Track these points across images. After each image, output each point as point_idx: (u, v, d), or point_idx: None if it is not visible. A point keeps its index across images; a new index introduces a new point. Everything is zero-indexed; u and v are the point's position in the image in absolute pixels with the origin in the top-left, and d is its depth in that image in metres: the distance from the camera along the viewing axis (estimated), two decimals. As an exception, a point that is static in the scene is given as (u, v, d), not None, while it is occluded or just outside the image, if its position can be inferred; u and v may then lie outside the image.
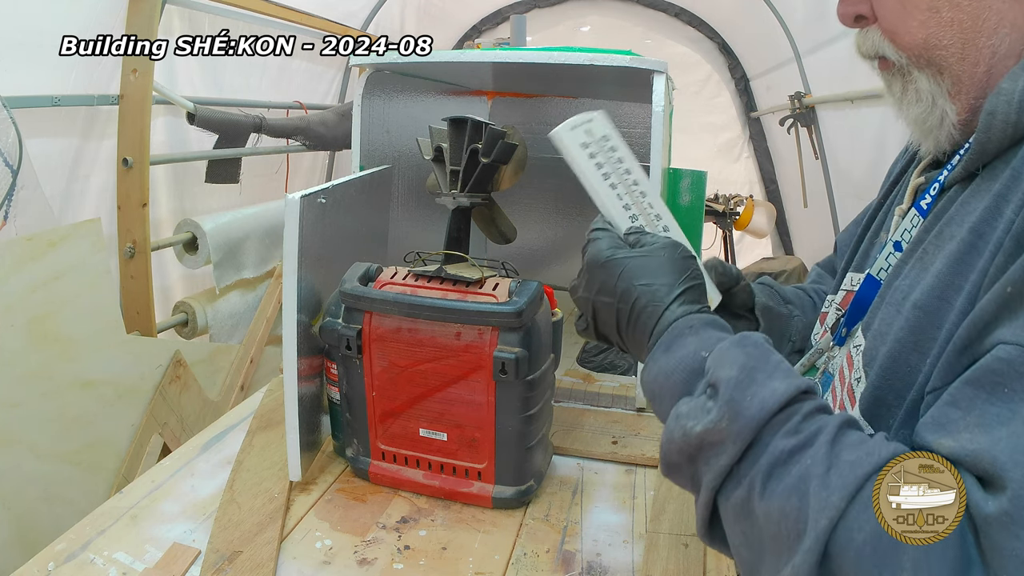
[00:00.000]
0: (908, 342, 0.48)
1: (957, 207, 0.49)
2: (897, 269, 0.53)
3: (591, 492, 0.89)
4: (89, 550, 0.74)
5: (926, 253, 0.50)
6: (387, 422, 0.87)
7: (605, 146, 0.65)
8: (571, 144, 0.65)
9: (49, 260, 1.28)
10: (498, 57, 1.07)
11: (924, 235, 0.52)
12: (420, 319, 0.82)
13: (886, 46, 0.53)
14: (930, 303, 0.47)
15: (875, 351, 0.51)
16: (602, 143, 0.65)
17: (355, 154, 1.16)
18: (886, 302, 0.52)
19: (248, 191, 2.10)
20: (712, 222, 3.33)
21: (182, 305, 1.80)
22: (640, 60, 1.00)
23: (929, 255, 0.50)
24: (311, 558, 0.75)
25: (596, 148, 0.65)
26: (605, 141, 0.65)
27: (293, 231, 0.80)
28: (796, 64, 2.77)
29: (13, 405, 1.24)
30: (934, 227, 0.51)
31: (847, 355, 0.56)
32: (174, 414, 1.56)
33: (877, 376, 0.50)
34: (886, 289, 0.53)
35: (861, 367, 0.52)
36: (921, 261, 0.50)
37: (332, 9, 2.45)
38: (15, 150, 1.23)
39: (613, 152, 0.65)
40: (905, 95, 0.54)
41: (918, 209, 0.54)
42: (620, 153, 0.65)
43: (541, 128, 1.77)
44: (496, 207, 1.03)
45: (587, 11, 3.68)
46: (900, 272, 0.53)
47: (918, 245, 0.52)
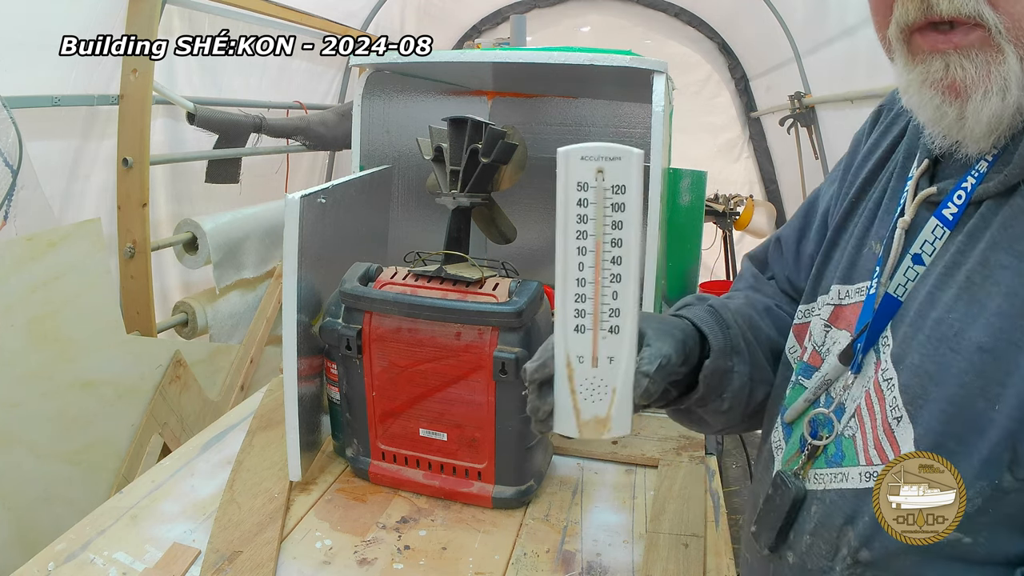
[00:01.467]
0: (974, 387, 0.43)
1: (999, 229, 0.44)
2: (932, 295, 0.48)
3: (591, 492, 0.89)
4: (89, 550, 0.74)
5: (972, 283, 0.45)
6: (387, 422, 0.87)
7: (609, 200, 0.49)
8: (568, 176, 0.49)
9: (49, 260, 1.28)
10: (498, 57, 1.07)
11: (960, 257, 0.47)
12: (420, 319, 0.82)
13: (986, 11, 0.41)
14: (997, 347, 0.43)
15: (924, 392, 0.46)
16: (607, 195, 0.49)
17: (355, 154, 1.16)
18: (927, 335, 0.47)
19: (248, 191, 2.10)
20: (712, 222, 3.33)
21: (182, 305, 1.80)
22: (640, 60, 1.00)
23: (978, 286, 0.44)
24: (311, 558, 0.75)
25: (595, 196, 0.49)
26: (615, 195, 0.49)
27: (293, 231, 0.80)
28: (796, 64, 2.76)
29: (13, 405, 1.24)
30: (971, 248, 0.46)
31: (875, 388, 0.50)
32: (174, 414, 1.56)
33: (937, 422, 0.45)
34: (918, 317, 0.48)
35: (901, 405, 0.47)
36: (969, 292, 0.45)
37: (332, 9, 2.45)
38: (15, 150, 1.23)
39: (615, 212, 0.49)
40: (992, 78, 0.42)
41: (941, 220, 0.48)
42: (624, 217, 0.49)
43: (541, 128, 1.77)
44: (496, 207, 1.03)
45: (587, 11, 3.68)
46: (936, 300, 0.47)
47: (955, 269, 0.47)
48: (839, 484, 0.51)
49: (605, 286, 0.50)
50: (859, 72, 2.09)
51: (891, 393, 0.48)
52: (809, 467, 0.54)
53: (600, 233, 0.49)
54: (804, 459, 0.54)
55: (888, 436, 0.48)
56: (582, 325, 0.51)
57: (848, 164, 0.64)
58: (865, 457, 0.50)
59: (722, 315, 0.63)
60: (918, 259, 0.50)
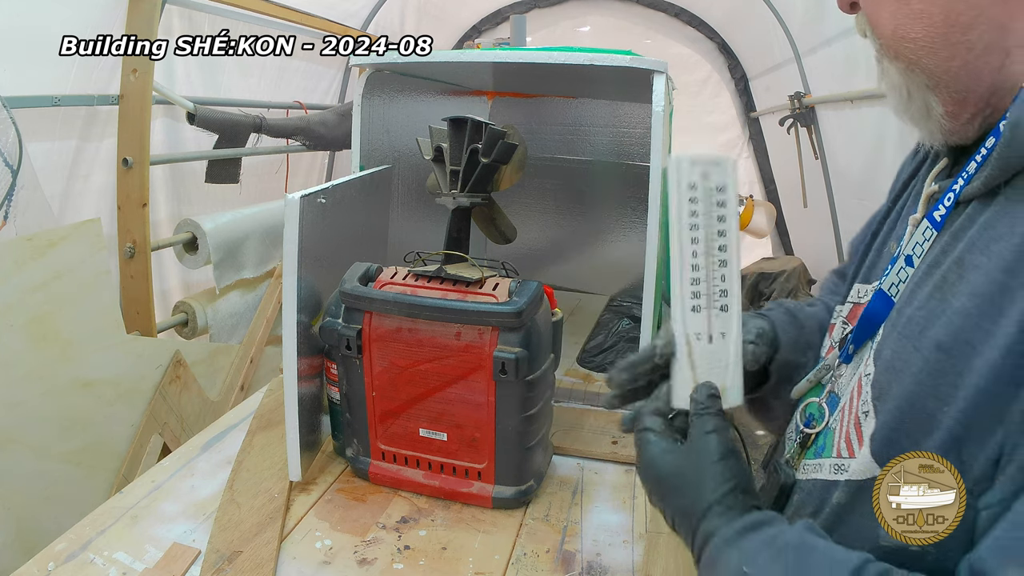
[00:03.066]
0: (927, 385, 0.44)
1: (980, 230, 0.45)
2: (912, 293, 0.49)
3: (591, 492, 0.89)
4: (89, 550, 0.74)
5: (946, 282, 0.46)
6: (387, 422, 0.87)
7: (714, 198, 0.58)
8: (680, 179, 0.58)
9: (49, 260, 1.28)
10: (498, 57, 1.07)
11: (941, 256, 0.48)
12: (420, 319, 0.82)
13: (869, 32, 0.52)
14: (954, 346, 0.43)
15: (888, 387, 0.48)
16: (712, 193, 0.58)
17: (355, 154, 1.16)
18: (899, 332, 0.48)
19: (248, 191, 2.10)
20: (712, 222, 3.32)
21: (182, 305, 1.80)
22: (640, 60, 1.00)
23: (950, 284, 0.45)
24: (311, 558, 0.75)
25: (703, 195, 0.58)
26: (718, 193, 0.58)
27: (293, 231, 0.81)
28: (796, 64, 2.77)
29: (13, 405, 1.24)
30: (952, 248, 0.47)
31: (858, 382, 0.52)
32: (174, 414, 1.56)
33: (892, 417, 0.46)
34: (897, 315, 0.50)
35: (870, 400, 0.49)
36: (940, 291, 0.46)
37: (332, 9, 2.45)
38: (15, 150, 1.23)
39: (719, 208, 0.58)
40: (883, 79, 0.52)
41: (931, 221, 0.50)
42: (725, 212, 0.58)
43: (541, 128, 1.77)
44: (496, 207, 1.03)
45: (587, 11, 3.68)
46: (914, 297, 0.49)
47: (935, 268, 0.48)
48: (815, 475, 0.54)
49: (714, 271, 0.58)
50: (859, 72, 2.09)
51: (866, 388, 0.50)
52: (801, 457, 0.57)
53: (707, 225, 0.58)
54: (797, 448, 0.58)
55: (856, 430, 0.50)
56: (697, 305, 0.58)
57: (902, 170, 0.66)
58: (836, 450, 0.52)
59: (797, 315, 0.69)
60: (909, 260, 0.51)
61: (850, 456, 0.50)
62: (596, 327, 1.50)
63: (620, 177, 1.72)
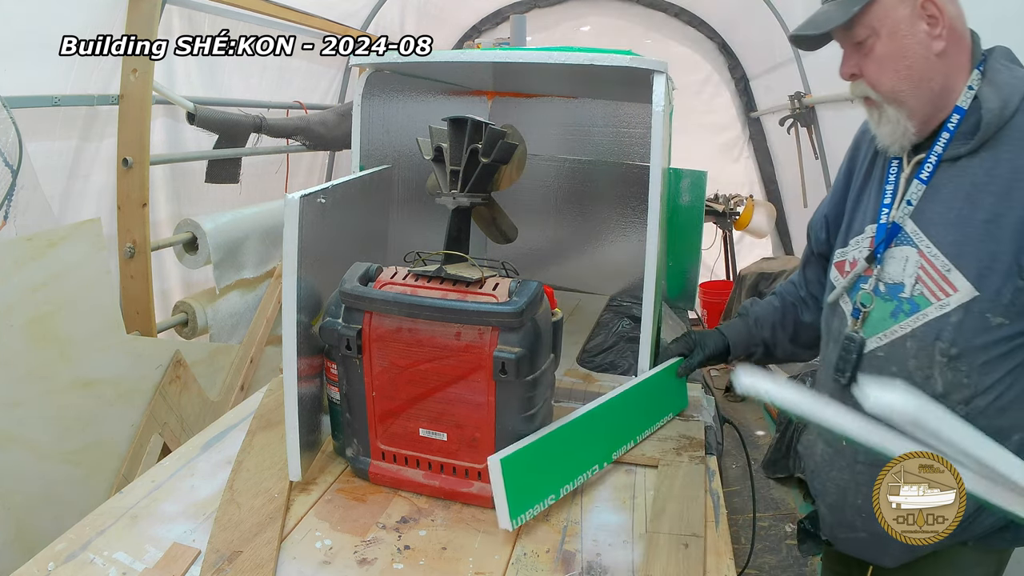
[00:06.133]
0: (987, 240, 0.78)
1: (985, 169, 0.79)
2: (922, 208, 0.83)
3: (591, 492, 0.89)
4: (89, 550, 0.74)
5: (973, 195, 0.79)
6: (387, 422, 0.87)
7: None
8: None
9: (49, 260, 1.28)
10: (498, 57, 1.07)
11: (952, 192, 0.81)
12: (420, 319, 0.82)
13: (870, 91, 0.85)
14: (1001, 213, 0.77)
15: (960, 247, 0.79)
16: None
17: (355, 154, 1.16)
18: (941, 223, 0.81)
19: (248, 191, 2.10)
20: (712, 222, 3.33)
21: (182, 305, 1.80)
22: (640, 60, 1.00)
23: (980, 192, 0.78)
24: (311, 558, 0.75)
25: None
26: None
27: (293, 231, 0.81)
28: (796, 64, 2.77)
29: (13, 405, 1.24)
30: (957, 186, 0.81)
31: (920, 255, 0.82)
32: (174, 414, 1.56)
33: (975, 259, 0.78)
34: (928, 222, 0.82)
35: (949, 260, 0.79)
36: (971, 200, 0.79)
37: (332, 9, 2.45)
38: (15, 150, 1.23)
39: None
40: (882, 119, 0.85)
41: (919, 180, 0.84)
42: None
43: (541, 128, 1.77)
44: (496, 207, 1.03)
45: (587, 11, 3.68)
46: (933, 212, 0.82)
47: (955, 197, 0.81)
48: (914, 324, 0.83)
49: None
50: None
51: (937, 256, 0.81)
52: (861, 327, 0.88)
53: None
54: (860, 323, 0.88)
55: (944, 281, 0.80)
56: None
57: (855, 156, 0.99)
58: (935, 297, 0.81)
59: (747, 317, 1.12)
60: (909, 202, 0.85)
61: (952, 293, 0.79)
62: (596, 327, 1.50)
63: (620, 177, 1.73)
